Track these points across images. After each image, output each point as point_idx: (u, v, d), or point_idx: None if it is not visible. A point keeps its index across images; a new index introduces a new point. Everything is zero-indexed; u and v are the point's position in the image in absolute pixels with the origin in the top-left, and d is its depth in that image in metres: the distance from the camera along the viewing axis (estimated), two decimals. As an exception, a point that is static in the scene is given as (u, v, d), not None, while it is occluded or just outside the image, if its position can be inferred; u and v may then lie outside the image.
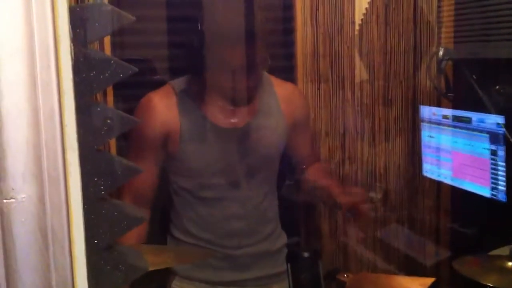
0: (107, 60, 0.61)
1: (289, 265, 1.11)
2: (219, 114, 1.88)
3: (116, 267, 0.65)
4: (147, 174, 1.88)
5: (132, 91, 2.23)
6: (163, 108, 1.86)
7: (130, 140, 1.94)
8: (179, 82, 1.91)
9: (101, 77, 0.61)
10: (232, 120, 1.90)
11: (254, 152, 1.92)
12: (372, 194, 2.56)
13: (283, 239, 2.06)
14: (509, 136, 1.90)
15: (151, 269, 1.34)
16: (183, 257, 1.78)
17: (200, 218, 1.92)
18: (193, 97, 1.88)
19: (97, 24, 0.60)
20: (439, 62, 1.86)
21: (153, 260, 1.46)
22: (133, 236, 1.86)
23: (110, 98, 2.13)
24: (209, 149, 1.88)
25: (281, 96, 1.99)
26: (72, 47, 0.60)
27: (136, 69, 0.62)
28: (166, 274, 1.99)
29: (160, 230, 2.05)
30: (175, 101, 1.87)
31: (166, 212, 2.02)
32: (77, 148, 0.61)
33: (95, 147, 0.63)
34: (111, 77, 0.62)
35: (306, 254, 1.12)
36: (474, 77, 1.73)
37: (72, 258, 0.56)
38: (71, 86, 0.60)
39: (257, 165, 1.94)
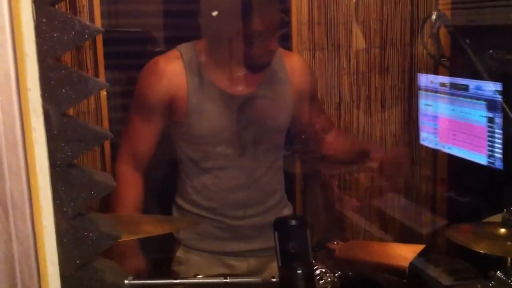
0: (70, 20, 0.59)
1: (276, 233, 1.10)
2: (226, 81, 1.87)
3: (87, 235, 0.63)
4: (146, 137, 1.87)
5: (124, 61, 2.22)
6: (170, 71, 1.84)
7: (134, 103, 1.91)
8: (186, 47, 1.89)
9: (65, 38, 0.59)
10: (239, 88, 1.88)
11: (260, 121, 1.91)
12: (369, 163, 2.54)
13: (288, 211, 2.06)
14: (505, 106, 1.87)
15: (144, 236, 1.33)
16: (175, 226, 1.78)
17: (204, 188, 1.92)
18: (200, 63, 1.86)
19: (59, -17, 0.58)
20: (432, 27, 1.82)
21: (147, 228, 1.46)
22: (135, 204, 1.86)
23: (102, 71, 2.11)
24: (216, 115, 1.86)
25: (289, 67, 1.98)
26: (34, 8, 0.58)
27: (102, 29, 0.60)
28: (171, 244, 1.99)
29: (166, 200, 2.05)
30: (182, 65, 1.85)
31: (171, 182, 2.01)
32: (42, 113, 0.59)
33: (61, 112, 0.61)
34: (76, 38, 0.59)
35: (293, 222, 1.10)
36: (468, 41, 1.70)
37: (35, 226, 0.54)
38: (33, 48, 0.58)
39: (262, 135, 1.93)
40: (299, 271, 1.10)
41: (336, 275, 1.45)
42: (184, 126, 1.87)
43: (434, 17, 1.82)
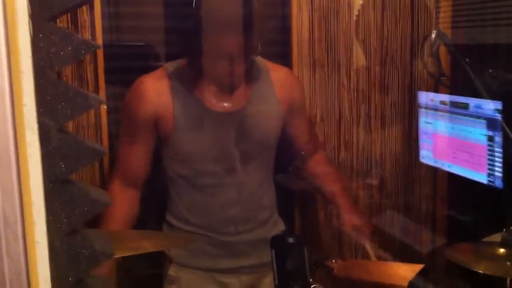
0: (67, 36, 0.58)
1: (273, 251, 1.09)
2: (213, 99, 1.86)
3: (80, 252, 0.63)
4: (139, 157, 1.87)
5: (125, 76, 2.22)
6: (156, 91, 1.84)
7: (123, 123, 1.92)
8: (172, 66, 1.89)
9: (62, 53, 0.58)
10: (226, 105, 1.88)
11: (249, 137, 1.90)
12: (368, 181, 2.54)
13: (280, 227, 2.05)
14: (505, 125, 1.86)
15: (139, 253, 1.32)
16: (171, 242, 1.77)
17: (195, 205, 1.91)
18: (186, 81, 1.86)
19: (56, -2, 0.58)
20: (432, 45, 1.83)
21: (142, 245, 1.44)
22: (123, 220, 1.86)
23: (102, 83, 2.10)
24: (203, 134, 1.86)
25: (276, 81, 1.97)
26: (31, 23, 0.58)
27: (100, 45, 0.60)
28: (162, 262, 1.98)
29: (155, 217, 2.04)
30: (168, 84, 1.85)
31: (160, 200, 2.00)
32: (37, 129, 0.58)
33: (57, 127, 0.61)
34: (73, 54, 0.59)
35: (291, 240, 1.09)
36: (467, 60, 1.70)
37: (27, 242, 0.53)
38: (29, 64, 0.57)
39: (252, 151, 1.92)
40: (296, 290, 1.09)
41: (334, 294, 1.44)
42: (172, 144, 1.86)
43: (434, 36, 1.82)
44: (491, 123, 2.00)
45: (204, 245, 1.92)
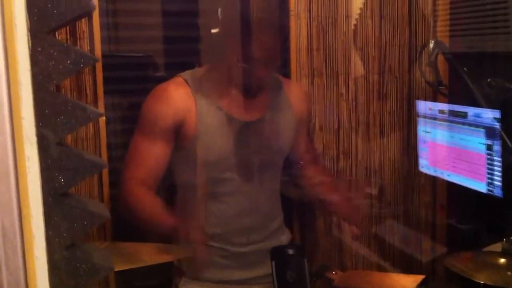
0: (66, 49, 0.58)
1: (273, 262, 1.08)
2: (234, 107, 1.86)
3: (79, 266, 0.62)
4: (158, 161, 1.83)
5: (124, 86, 2.22)
6: (180, 95, 1.83)
7: (142, 127, 1.86)
8: (190, 75, 1.89)
9: (61, 67, 0.58)
10: (247, 113, 1.88)
11: (267, 146, 1.92)
12: (367, 190, 2.53)
13: (287, 235, 2.06)
14: (503, 134, 1.86)
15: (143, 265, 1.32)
16: (173, 254, 1.75)
17: (210, 214, 1.89)
18: (207, 89, 1.85)
19: (55, 11, 0.58)
20: (430, 55, 1.83)
21: (146, 258, 1.44)
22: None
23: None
24: (223, 141, 1.85)
25: (290, 94, 2.00)
26: (30, 36, 0.57)
27: (98, 59, 0.59)
28: (173, 275, 1.96)
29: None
30: (190, 91, 1.84)
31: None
32: (36, 142, 0.58)
33: (56, 141, 0.60)
34: (72, 67, 0.59)
35: (291, 251, 1.09)
36: (466, 69, 1.70)
37: (26, 256, 0.53)
38: (28, 77, 0.57)
39: (268, 160, 1.93)
40: (296, 302, 1.08)
41: (335, 305, 1.43)
42: (192, 151, 1.85)
43: (431, 44, 1.83)
44: (490, 132, 2.00)
45: (216, 257, 1.90)
